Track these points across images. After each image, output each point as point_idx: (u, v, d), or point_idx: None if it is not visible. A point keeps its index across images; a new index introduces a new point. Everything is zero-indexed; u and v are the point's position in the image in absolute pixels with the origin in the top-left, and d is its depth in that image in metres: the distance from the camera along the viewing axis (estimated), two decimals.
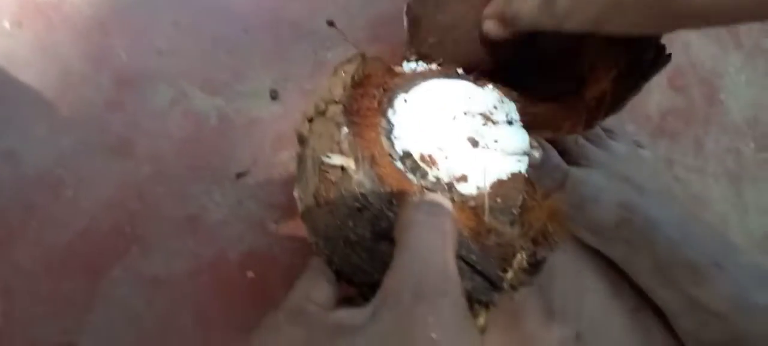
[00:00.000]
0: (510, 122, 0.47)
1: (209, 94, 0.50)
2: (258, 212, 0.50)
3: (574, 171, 0.59)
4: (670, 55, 0.44)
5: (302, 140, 0.42)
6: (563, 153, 0.61)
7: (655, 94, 0.71)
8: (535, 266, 0.44)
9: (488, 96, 0.48)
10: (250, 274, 0.49)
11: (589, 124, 0.47)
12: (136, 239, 0.46)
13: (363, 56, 0.45)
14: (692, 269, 0.55)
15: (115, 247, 0.46)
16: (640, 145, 0.65)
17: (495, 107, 0.47)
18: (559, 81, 0.51)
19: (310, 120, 0.42)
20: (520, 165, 0.46)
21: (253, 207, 0.50)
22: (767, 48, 0.78)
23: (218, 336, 0.47)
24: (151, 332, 0.45)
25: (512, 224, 0.44)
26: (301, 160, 0.41)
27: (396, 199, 0.39)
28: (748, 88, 0.75)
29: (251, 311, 0.49)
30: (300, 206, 0.41)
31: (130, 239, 0.46)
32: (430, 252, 0.33)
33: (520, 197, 0.45)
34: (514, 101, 0.50)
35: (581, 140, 0.62)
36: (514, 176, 0.45)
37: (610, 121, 0.63)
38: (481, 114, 0.46)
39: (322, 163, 0.39)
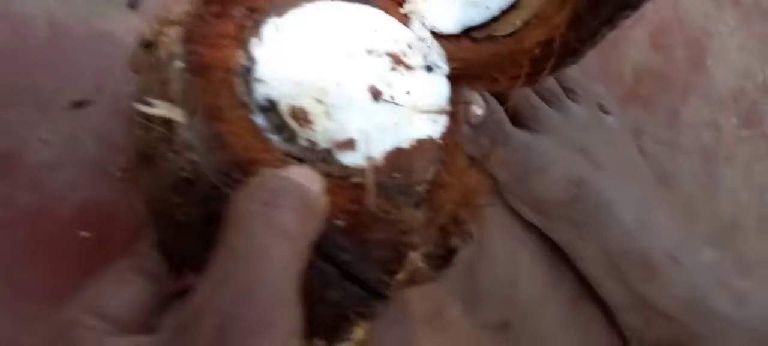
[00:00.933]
0: (428, 68, 0.37)
1: None
2: (99, 154, 0.41)
3: (520, 134, 0.52)
4: None
5: (137, 72, 0.33)
6: (507, 111, 0.53)
7: (632, 50, 0.64)
8: (443, 259, 0.36)
9: (402, 31, 0.37)
10: (83, 233, 0.40)
11: (531, 79, 0.38)
12: None
13: None
14: (644, 261, 0.51)
15: None
16: (605, 110, 0.58)
17: (409, 47, 0.36)
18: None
19: (148, 47, 0.32)
20: (435, 126, 0.36)
21: (92, 148, 0.40)
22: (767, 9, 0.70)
23: (32, 308, 0.39)
24: None
25: (417, 206, 0.34)
26: (129, 96, 0.32)
27: (238, 170, 0.29)
28: (739, 53, 0.68)
29: (81, 281, 0.39)
30: (128, 162, 0.33)
31: None
32: (258, 264, 0.24)
33: (431, 171, 0.36)
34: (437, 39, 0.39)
35: (533, 99, 0.55)
36: (423, 143, 0.35)
37: (573, 77, 0.57)
38: (389, 54, 0.36)
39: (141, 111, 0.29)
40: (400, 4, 0.42)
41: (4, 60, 0.38)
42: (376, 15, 0.37)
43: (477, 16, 0.42)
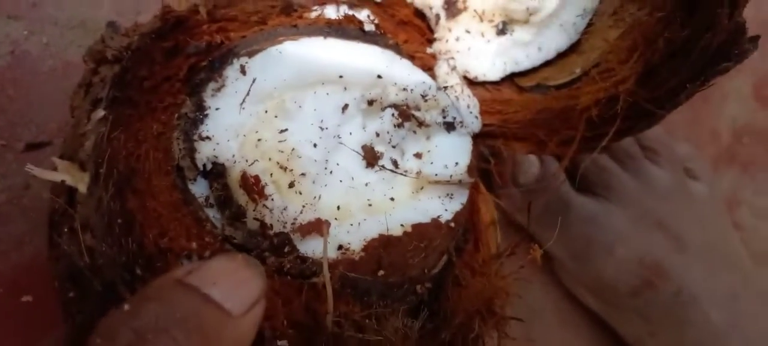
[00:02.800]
0: (449, 125, 0.31)
1: (2, 17, 0.34)
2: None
3: (584, 202, 0.45)
4: (756, 39, 0.26)
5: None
6: (569, 173, 0.46)
7: (731, 104, 0.56)
8: None
9: (416, 76, 0.30)
10: (26, 298, 0.34)
11: (587, 145, 0.31)
12: None
13: None
14: None
15: None
16: (693, 175, 0.50)
17: (425, 98, 0.29)
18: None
19: (84, 85, 0.26)
20: (450, 203, 0.29)
21: (45, 196, 0.34)
22: None
23: None
24: None
25: (412, 314, 0.27)
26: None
27: (146, 263, 0.23)
28: None
29: None
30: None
31: None
32: None
33: (439, 264, 0.29)
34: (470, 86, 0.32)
35: (602, 159, 0.47)
36: (427, 227, 0.28)
37: (654, 134, 0.50)
38: (395, 106, 0.29)
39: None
40: (428, 43, 0.35)
41: None
42: (381, 56, 0.30)
43: (525, 58, 0.34)
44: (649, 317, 0.45)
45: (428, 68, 0.33)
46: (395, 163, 0.28)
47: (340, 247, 0.26)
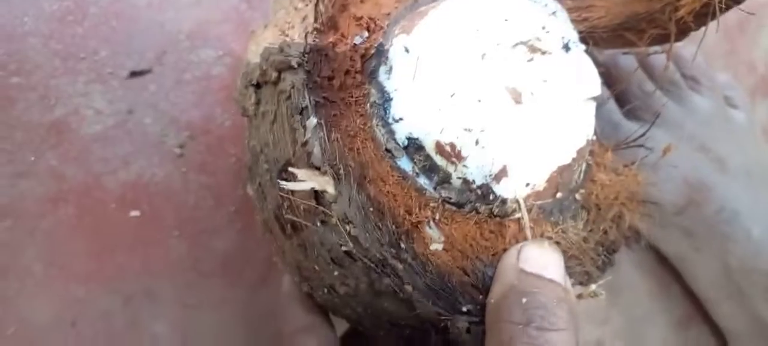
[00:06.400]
0: (566, 47, 0.31)
1: None
2: (156, 128, 0.37)
3: (630, 126, 0.46)
4: None
5: (249, 120, 0.30)
6: (620, 98, 0.47)
7: (766, 35, 0.55)
8: (605, 261, 0.33)
9: (531, 11, 0.31)
10: (133, 212, 0.37)
11: (681, 34, 0.33)
12: None
13: None
14: None
15: None
16: (732, 103, 0.51)
17: (543, 28, 0.30)
18: None
19: (257, 87, 0.29)
20: (587, 118, 0.31)
21: (149, 121, 0.37)
22: None
23: (78, 289, 0.36)
24: None
25: (574, 217, 0.31)
26: (249, 147, 0.30)
27: (406, 238, 0.26)
28: None
29: (127, 264, 0.37)
30: (256, 213, 0.31)
31: None
32: None
33: (583, 167, 0.32)
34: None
35: (648, 85, 0.48)
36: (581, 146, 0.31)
37: (696, 64, 0.51)
38: (523, 43, 0.30)
39: (284, 179, 0.27)
40: None
41: (63, 26, 0.35)
42: (502, 1, 0.31)
43: None
44: (693, 232, 0.46)
45: None
46: (535, 95, 0.30)
47: (527, 184, 0.29)
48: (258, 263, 0.39)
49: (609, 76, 0.46)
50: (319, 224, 0.26)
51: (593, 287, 0.29)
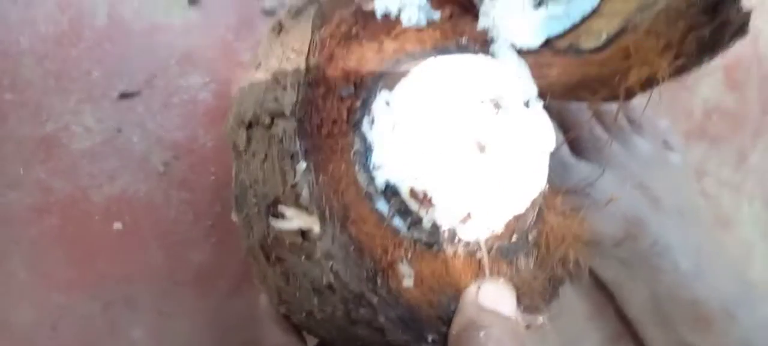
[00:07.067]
0: (526, 103, 0.35)
1: None
2: (142, 146, 0.39)
3: (579, 166, 0.49)
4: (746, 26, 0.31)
5: (238, 155, 0.32)
6: (571, 140, 0.51)
7: (705, 85, 0.59)
8: (551, 294, 0.37)
9: (498, 70, 0.35)
10: (116, 225, 0.39)
11: (629, 97, 0.36)
12: None
13: (319, 3, 0.32)
14: (697, 311, 0.49)
15: None
16: (669, 147, 0.55)
17: (507, 86, 0.34)
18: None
19: (249, 126, 0.31)
20: (543, 168, 0.35)
21: (136, 139, 0.38)
22: None
23: (60, 295, 0.38)
24: None
25: (527, 256, 0.35)
26: (238, 180, 0.32)
27: (382, 275, 0.29)
28: None
29: (108, 273, 0.39)
30: (242, 240, 0.32)
31: None
32: None
33: (536, 212, 0.35)
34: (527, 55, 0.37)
35: (597, 129, 0.51)
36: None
37: (640, 109, 0.54)
38: (489, 100, 0.33)
39: (272, 215, 0.29)
40: (474, 19, 0.40)
41: (59, 47, 0.37)
42: (474, 61, 0.35)
43: (558, 25, 0.39)
44: (629, 263, 0.49)
45: (481, 43, 0.38)
46: (500, 148, 0.32)
47: (487, 228, 0.32)
48: (231, 275, 0.41)
49: (563, 122, 0.49)
50: (303, 258, 0.29)
51: (541, 319, 0.33)
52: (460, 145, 0.31)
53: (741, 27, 0.32)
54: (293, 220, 0.28)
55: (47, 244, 0.37)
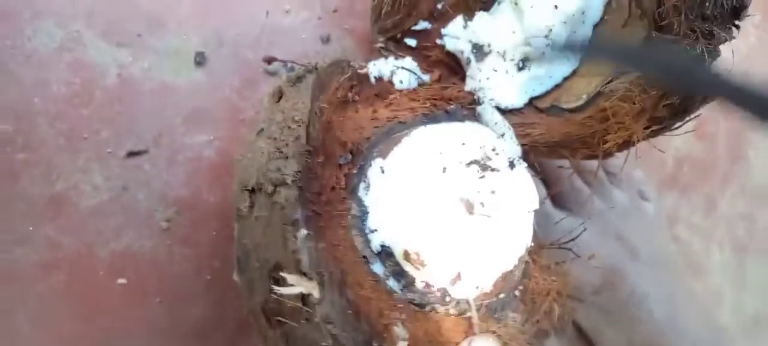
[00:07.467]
0: (511, 164, 0.36)
1: (112, 45, 0.39)
2: (147, 204, 0.40)
3: (564, 222, 0.50)
4: None
5: (241, 218, 0.32)
6: (553, 195, 0.53)
7: (676, 138, 0.60)
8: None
9: (485, 135, 0.37)
10: (121, 280, 0.40)
11: (607, 156, 0.40)
12: None
13: (318, 72, 0.34)
14: None
15: None
16: (644, 196, 0.57)
17: (493, 149, 0.36)
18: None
19: (252, 192, 0.32)
20: (528, 228, 0.36)
21: (141, 197, 0.40)
22: None
23: None
24: None
25: (514, 310, 0.36)
26: (240, 242, 0.33)
27: (376, 336, 0.30)
28: None
29: (114, 327, 0.39)
30: (242, 302, 0.33)
31: None
32: None
33: (522, 268, 0.36)
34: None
35: (577, 182, 0.53)
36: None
37: (616, 162, 0.55)
38: (476, 162, 0.35)
39: (274, 281, 0.30)
40: (461, 80, 0.42)
41: (71, 107, 0.38)
42: (461, 128, 0.37)
43: (540, 86, 0.41)
44: (608, 310, 0.51)
45: (469, 104, 0.40)
46: (486, 209, 0.34)
47: (476, 287, 0.33)
48: (228, 329, 0.42)
49: (545, 176, 0.51)
50: (303, 321, 0.30)
51: None
52: (450, 208, 0.33)
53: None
54: (294, 286, 0.29)
55: (54, 299, 0.38)
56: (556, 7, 0.40)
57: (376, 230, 0.33)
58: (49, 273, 0.38)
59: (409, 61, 0.40)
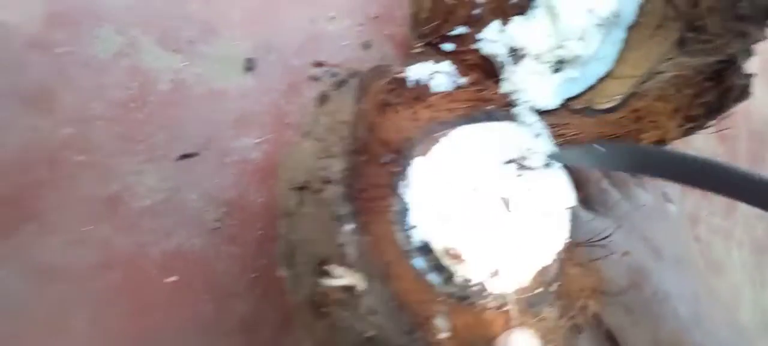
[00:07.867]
0: (547, 164, 0.38)
1: (167, 51, 0.40)
2: (197, 205, 0.41)
3: (587, 217, 0.52)
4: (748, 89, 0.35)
5: (288, 215, 0.35)
6: (583, 197, 0.53)
7: (698, 138, 0.61)
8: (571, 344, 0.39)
9: (522, 135, 0.38)
10: (171, 278, 0.41)
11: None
12: (36, 215, 0.37)
13: (361, 78, 0.35)
14: None
15: (5, 220, 0.37)
16: (668, 198, 0.58)
17: (530, 148, 0.37)
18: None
19: (300, 190, 0.34)
20: (564, 225, 0.38)
21: (192, 197, 0.41)
22: None
23: None
24: (32, 329, 0.37)
25: (550, 306, 0.37)
26: (287, 240, 0.35)
27: (418, 327, 0.32)
28: None
29: (164, 324, 0.41)
30: (289, 295, 0.35)
31: (27, 214, 0.37)
32: None
33: (557, 266, 0.38)
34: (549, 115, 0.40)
35: (604, 183, 0.54)
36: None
37: None
38: (513, 161, 0.36)
39: (321, 273, 0.32)
40: (496, 83, 0.43)
41: (127, 111, 0.39)
42: (501, 128, 0.38)
43: (575, 87, 0.42)
44: (632, 309, 0.51)
45: (504, 106, 0.42)
46: (524, 206, 0.35)
47: (515, 282, 0.34)
48: (273, 324, 0.43)
49: (575, 179, 0.52)
50: (349, 312, 0.31)
51: None
52: (488, 205, 0.34)
53: (743, 91, 0.36)
54: (341, 278, 0.31)
55: (108, 298, 0.39)
56: (590, 10, 0.41)
57: (416, 226, 0.34)
58: (104, 272, 0.39)
59: (446, 65, 0.42)
